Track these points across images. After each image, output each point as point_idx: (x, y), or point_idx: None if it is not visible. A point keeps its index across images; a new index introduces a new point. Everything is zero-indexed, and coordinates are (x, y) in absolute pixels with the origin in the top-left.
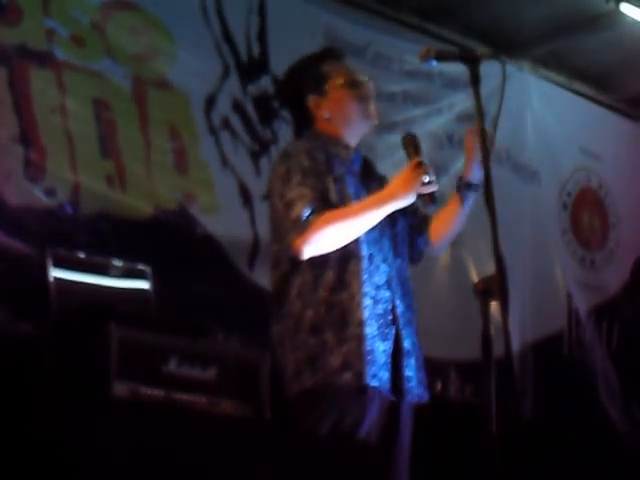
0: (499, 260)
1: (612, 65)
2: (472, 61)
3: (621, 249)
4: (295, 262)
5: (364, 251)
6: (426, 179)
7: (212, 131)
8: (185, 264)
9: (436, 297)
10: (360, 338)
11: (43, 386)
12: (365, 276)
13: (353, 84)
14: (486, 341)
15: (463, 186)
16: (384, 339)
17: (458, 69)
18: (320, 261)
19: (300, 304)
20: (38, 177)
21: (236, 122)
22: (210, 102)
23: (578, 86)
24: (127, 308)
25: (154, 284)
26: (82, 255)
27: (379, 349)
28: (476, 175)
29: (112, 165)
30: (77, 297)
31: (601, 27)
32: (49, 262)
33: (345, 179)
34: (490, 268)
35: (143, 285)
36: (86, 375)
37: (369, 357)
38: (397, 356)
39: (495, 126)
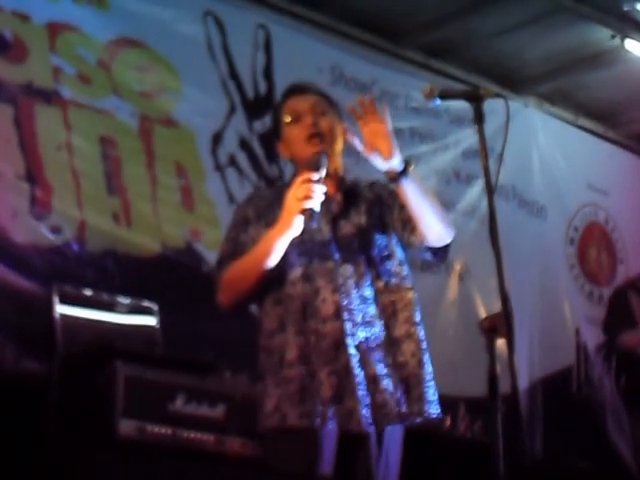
0: (504, 299)
1: (618, 101)
2: (476, 99)
3: None
4: (250, 310)
5: (304, 288)
6: (304, 194)
7: (218, 168)
8: (192, 301)
9: (444, 333)
10: (290, 379)
11: (49, 424)
12: (305, 312)
13: (295, 119)
14: (492, 379)
15: (394, 175)
16: (333, 372)
17: (464, 106)
18: (259, 309)
19: (257, 352)
20: (44, 215)
21: (242, 159)
22: (216, 139)
23: (584, 122)
24: (133, 345)
25: (160, 321)
26: (88, 292)
27: (325, 384)
28: (393, 161)
29: (118, 202)
30: (83, 334)
31: (606, 63)
32: (55, 299)
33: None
34: (497, 305)
35: (150, 322)
36: (92, 413)
37: (298, 397)
38: (353, 385)
39: (500, 163)
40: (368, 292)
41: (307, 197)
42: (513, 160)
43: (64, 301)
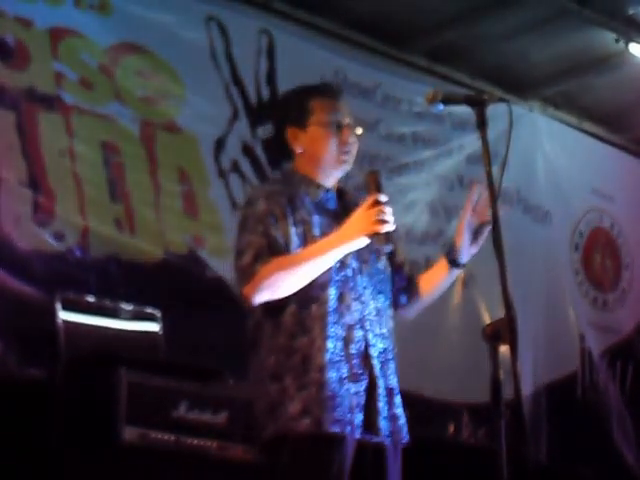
0: (508, 305)
1: (622, 105)
2: (478, 104)
3: (634, 289)
4: (265, 309)
5: (331, 292)
6: (380, 218)
7: (221, 174)
8: (195, 307)
9: (448, 339)
10: (320, 384)
11: (52, 430)
12: (331, 318)
13: (335, 125)
14: (495, 385)
15: (452, 261)
16: (356, 380)
17: (467, 110)
18: (280, 307)
19: (265, 351)
20: (47, 221)
21: (245, 165)
22: (219, 145)
23: (588, 126)
24: (136, 352)
25: (163, 327)
26: (91, 299)
27: (349, 391)
28: (465, 255)
29: (121, 208)
30: (86, 340)
31: (610, 67)
32: (58, 305)
33: (311, 221)
34: (501, 311)
35: (153, 328)
36: (96, 419)
37: (330, 403)
38: (375, 395)
39: (503, 169)
40: (379, 304)
41: (384, 221)
42: (517, 165)
43: (67, 307)
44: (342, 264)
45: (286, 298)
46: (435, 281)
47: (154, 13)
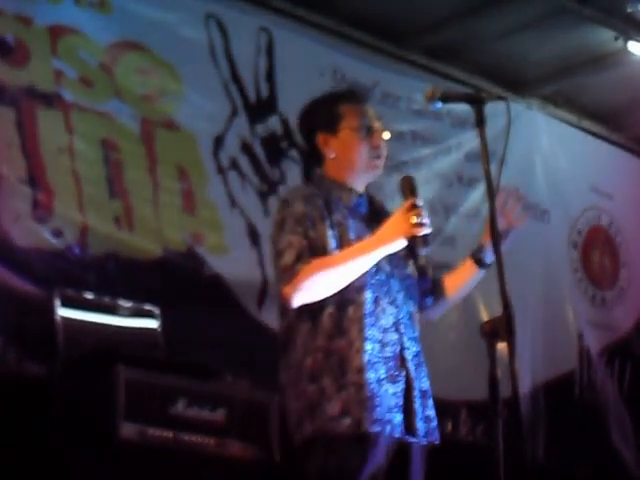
0: (506, 302)
1: (621, 103)
2: (477, 102)
3: (632, 287)
4: (300, 310)
5: (367, 295)
6: (418, 221)
7: (220, 171)
8: (193, 305)
9: (446, 337)
10: (359, 384)
11: (51, 427)
12: (368, 320)
13: (366, 130)
14: (493, 383)
15: (478, 260)
16: (394, 382)
17: (466, 108)
18: (319, 308)
19: (302, 352)
20: (46, 218)
21: (244, 162)
22: (218, 142)
23: (587, 124)
24: (135, 348)
25: (162, 324)
26: (90, 296)
27: (387, 392)
28: (491, 255)
29: (120, 206)
30: (85, 337)
31: (609, 65)
32: (57, 302)
33: (347, 224)
34: (499, 308)
35: (151, 325)
36: (94, 416)
37: (369, 403)
38: (411, 397)
39: (501, 166)
40: (411, 308)
41: (422, 224)
42: (516, 163)
43: (66, 304)
44: (377, 268)
45: (323, 300)
46: (461, 281)
47: (154, 11)
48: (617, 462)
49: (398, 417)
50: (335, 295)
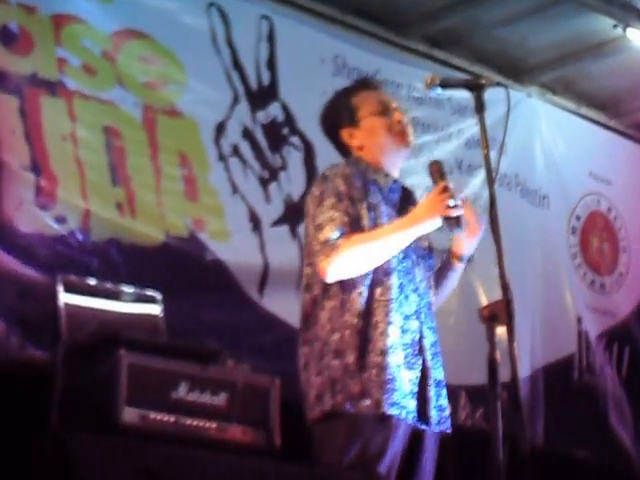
0: (505, 286)
1: (620, 90)
2: (477, 88)
3: (631, 273)
4: (326, 286)
5: (394, 280)
6: (452, 203)
7: (222, 158)
8: (195, 290)
9: (445, 321)
10: (381, 367)
11: (52, 411)
12: (393, 305)
13: (383, 112)
14: (492, 366)
15: (451, 260)
16: (410, 368)
17: (466, 95)
18: (349, 286)
19: (329, 328)
20: (49, 204)
21: (246, 149)
22: (220, 129)
23: (586, 111)
24: (137, 334)
25: (164, 310)
26: (92, 281)
27: (404, 378)
28: (468, 248)
29: (122, 192)
30: (87, 323)
31: (608, 53)
32: (60, 288)
33: (380, 208)
34: (499, 293)
35: (153, 311)
36: (96, 401)
37: (389, 386)
38: (427, 385)
39: (501, 153)
40: (431, 299)
41: (456, 205)
42: (515, 149)
43: (68, 290)
44: (404, 255)
45: (355, 279)
46: (441, 279)
47: (156, 0)
48: (615, 445)
49: (412, 404)
50: (366, 275)
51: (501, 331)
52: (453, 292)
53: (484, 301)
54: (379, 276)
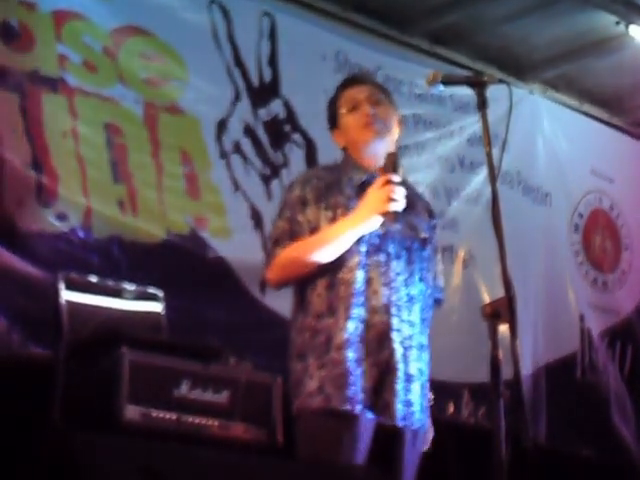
0: (507, 284)
1: (622, 87)
2: (479, 85)
3: (633, 270)
4: (294, 291)
5: (358, 275)
6: (391, 196)
7: (223, 155)
8: (197, 288)
9: (448, 319)
10: (336, 362)
11: (54, 409)
12: (356, 300)
13: (354, 108)
14: (494, 364)
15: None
16: (374, 363)
17: (468, 93)
18: (307, 289)
19: (295, 331)
20: (50, 202)
21: (247, 146)
22: (221, 127)
23: (589, 108)
24: (139, 331)
25: (166, 307)
26: (94, 279)
27: (364, 373)
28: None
29: (124, 190)
30: (89, 320)
31: (610, 50)
32: (61, 285)
33: (348, 205)
34: (501, 291)
35: (155, 308)
36: (98, 398)
37: (342, 380)
38: (393, 379)
39: (503, 150)
40: (415, 291)
41: (393, 200)
42: (518, 147)
43: (70, 287)
44: (377, 248)
45: (313, 281)
46: None
47: None
48: (618, 443)
49: (373, 398)
50: (325, 275)
51: (504, 329)
52: (456, 290)
53: (486, 299)
54: (342, 273)
